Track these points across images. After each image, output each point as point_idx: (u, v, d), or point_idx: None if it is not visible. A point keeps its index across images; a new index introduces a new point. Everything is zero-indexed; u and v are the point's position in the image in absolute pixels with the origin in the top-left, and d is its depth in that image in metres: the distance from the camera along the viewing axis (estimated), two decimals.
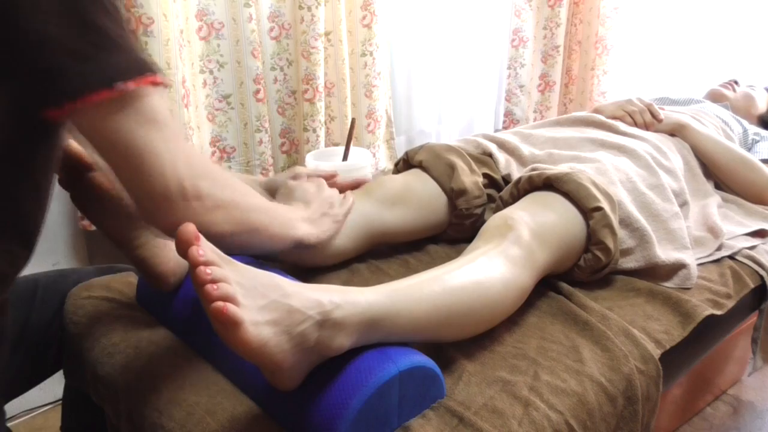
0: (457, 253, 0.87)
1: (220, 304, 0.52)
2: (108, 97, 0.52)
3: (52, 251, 1.37)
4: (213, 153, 1.50)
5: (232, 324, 0.53)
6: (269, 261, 0.89)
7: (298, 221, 0.81)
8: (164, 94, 0.58)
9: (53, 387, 0.96)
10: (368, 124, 1.71)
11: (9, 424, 1.34)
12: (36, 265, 1.31)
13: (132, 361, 0.77)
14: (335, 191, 0.95)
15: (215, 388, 0.71)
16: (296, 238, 0.78)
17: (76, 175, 0.70)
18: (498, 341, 0.80)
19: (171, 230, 0.56)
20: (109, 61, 0.52)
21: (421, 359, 0.65)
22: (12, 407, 1.32)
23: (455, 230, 1.10)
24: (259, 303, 0.56)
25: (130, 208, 0.73)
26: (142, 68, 0.54)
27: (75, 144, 0.68)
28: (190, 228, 0.54)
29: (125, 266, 1.01)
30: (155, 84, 0.56)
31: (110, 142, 0.54)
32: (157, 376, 0.73)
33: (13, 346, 0.83)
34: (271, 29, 1.51)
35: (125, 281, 0.94)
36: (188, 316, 0.79)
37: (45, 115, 0.52)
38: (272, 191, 0.95)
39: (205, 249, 0.54)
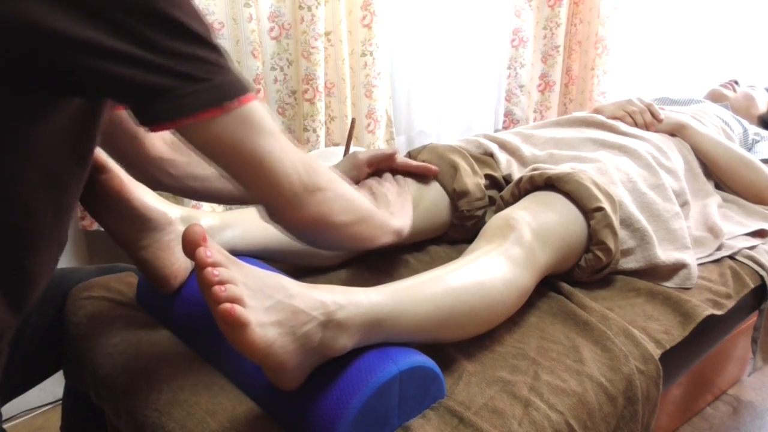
0: (458, 254, 0.87)
1: (227, 305, 0.52)
2: (229, 109, 0.55)
3: None
4: None
5: (240, 325, 0.53)
6: (269, 261, 0.89)
7: (388, 214, 0.84)
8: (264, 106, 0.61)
9: (53, 387, 0.96)
10: (368, 124, 1.71)
11: (9, 425, 1.34)
12: None
13: (132, 361, 0.77)
14: (391, 181, 0.97)
15: (215, 388, 0.71)
16: (395, 228, 0.81)
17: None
18: (498, 341, 0.80)
19: (301, 224, 0.62)
20: (223, 82, 0.56)
21: (422, 359, 0.65)
22: (12, 407, 1.31)
23: (456, 231, 1.10)
24: (265, 304, 0.56)
25: (137, 210, 0.73)
26: (246, 87, 0.58)
27: None
28: (197, 229, 0.54)
29: (126, 266, 1.01)
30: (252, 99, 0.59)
31: (232, 152, 0.57)
32: (157, 376, 0.73)
33: (11, 346, 0.83)
34: (271, 29, 1.51)
35: (125, 281, 0.94)
36: (188, 316, 0.79)
37: (151, 129, 0.55)
38: None
39: (212, 250, 0.54)
